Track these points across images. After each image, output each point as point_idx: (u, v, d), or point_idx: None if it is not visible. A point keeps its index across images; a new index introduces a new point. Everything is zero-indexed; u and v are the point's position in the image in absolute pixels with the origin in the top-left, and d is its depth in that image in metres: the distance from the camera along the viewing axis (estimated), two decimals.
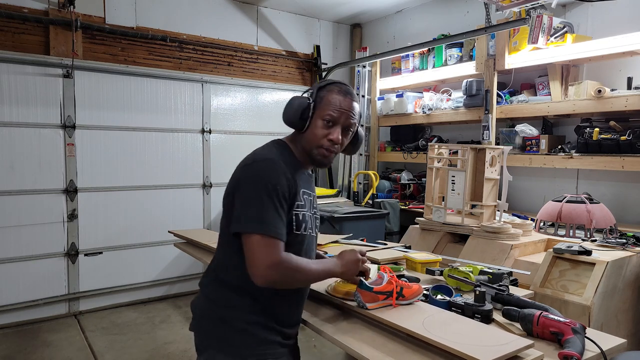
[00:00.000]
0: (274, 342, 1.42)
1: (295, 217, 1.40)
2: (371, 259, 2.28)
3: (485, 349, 1.21)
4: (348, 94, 1.48)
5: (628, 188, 3.35)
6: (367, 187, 5.16)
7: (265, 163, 1.38)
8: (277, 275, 1.30)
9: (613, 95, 3.11)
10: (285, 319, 1.47)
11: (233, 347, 1.37)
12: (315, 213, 1.56)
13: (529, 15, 3.14)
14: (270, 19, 5.29)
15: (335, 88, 1.48)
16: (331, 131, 1.46)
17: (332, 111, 1.44)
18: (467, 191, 2.86)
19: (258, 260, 1.29)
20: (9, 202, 3.84)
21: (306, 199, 1.47)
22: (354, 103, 1.49)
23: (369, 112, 5.21)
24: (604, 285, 2.21)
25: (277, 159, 1.40)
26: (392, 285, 1.55)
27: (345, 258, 1.48)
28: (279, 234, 1.32)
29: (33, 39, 3.98)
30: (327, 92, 1.47)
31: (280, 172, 1.36)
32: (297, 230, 1.42)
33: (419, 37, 4.64)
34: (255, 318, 1.39)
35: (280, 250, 1.32)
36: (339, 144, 1.48)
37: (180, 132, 4.61)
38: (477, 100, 3.92)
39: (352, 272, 1.48)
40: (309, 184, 1.53)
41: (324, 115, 1.45)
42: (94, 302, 4.27)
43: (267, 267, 1.29)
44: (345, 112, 1.46)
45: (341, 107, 1.45)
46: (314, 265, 1.41)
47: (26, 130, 3.88)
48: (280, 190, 1.34)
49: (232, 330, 1.38)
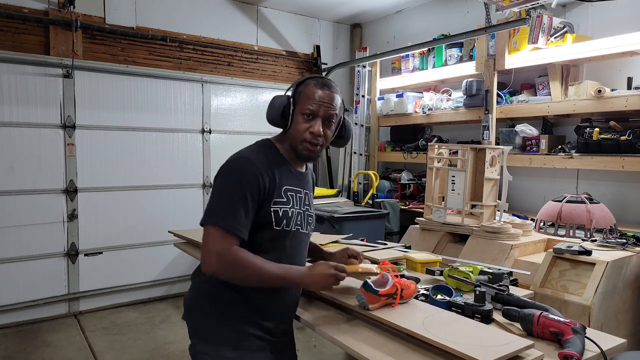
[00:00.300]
0: (251, 334, 1.44)
1: (274, 213, 1.41)
2: (371, 259, 2.28)
3: (486, 349, 1.21)
4: (325, 86, 1.48)
5: (628, 188, 3.35)
6: (367, 187, 5.16)
7: (236, 161, 1.41)
8: (222, 267, 1.34)
9: (613, 95, 3.11)
10: (265, 313, 1.47)
11: (211, 336, 1.43)
12: (307, 210, 1.55)
13: (529, 15, 3.14)
14: (270, 19, 5.29)
15: (312, 82, 1.49)
16: (312, 124, 1.46)
17: (310, 105, 1.45)
18: (467, 191, 2.86)
19: (206, 249, 1.35)
20: (9, 202, 3.84)
21: (291, 195, 1.47)
22: (333, 94, 1.49)
23: (369, 112, 5.21)
24: (604, 285, 2.21)
25: (253, 157, 1.42)
26: (395, 288, 1.55)
27: (316, 271, 1.42)
28: (233, 227, 1.34)
29: (33, 39, 3.98)
30: (304, 86, 1.49)
31: (250, 170, 1.38)
32: (277, 226, 1.42)
33: (419, 37, 4.64)
34: (235, 310, 1.43)
35: (229, 242, 1.34)
36: (322, 136, 1.48)
37: (180, 132, 4.61)
38: (477, 100, 3.92)
39: (320, 286, 1.43)
40: (297, 181, 1.53)
41: (303, 110, 1.46)
42: (94, 302, 4.27)
43: (212, 257, 1.33)
44: (324, 104, 1.46)
45: (319, 100, 1.46)
46: (271, 267, 1.38)
47: (26, 130, 3.88)
48: (247, 187, 1.36)
49: (211, 320, 1.44)
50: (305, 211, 1.54)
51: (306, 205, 1.55)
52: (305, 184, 1.58)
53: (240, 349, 1.42)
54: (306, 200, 1.56)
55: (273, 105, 1.50)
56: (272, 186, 1.41)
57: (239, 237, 1.35)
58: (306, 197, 1.56)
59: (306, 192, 1.57)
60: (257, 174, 1.38)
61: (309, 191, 1.61)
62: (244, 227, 1.36)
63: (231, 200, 1.36)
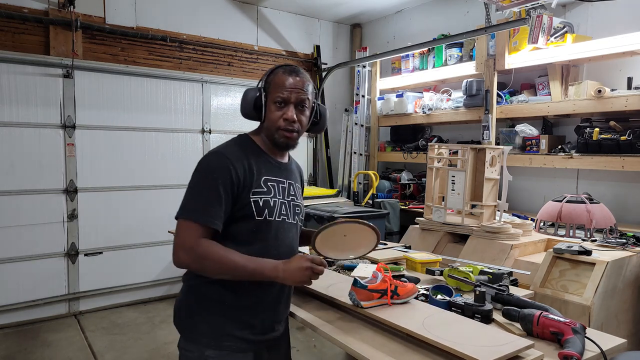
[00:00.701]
0: (234, 335, 1.43)
1: (254, 203, 1.41)
2: (371, 259, 2.28)
3: (485, 349, 1.22)
4: (294, 72, 1.48)
5: (628, 188, 3.35)
6: (367, 187, 5.16)
7: (208, 156, 1.44)
8: (191, 259, 1.35)
9: (613, 95, 3.11)
10: (252, 311, 1.46)
11: (195, 334, 1.44)
12: (293, 200, 1.55)
13: (529, 15, 3.14)
14: (270, 19, 5.29)
15: (281, 70, 1.49)
16: (285, 111, 1.46)
17: (281, 92, 1.45)
18: (467, 191, 2.86)
19: (176, 242, 1.36)
20: (9, 202, 3.84)
21: (272, 186, 1.47)
22: (304, 80, 1.49)
23: (369, 112, 5.21)
24: (604, 285, 2.21)
25: (224, 150, 1.44)
26: (386, 284, 1.56)
27: (291, 264, 1.38)
28: (203, 220, 1.35)
29: (33, 39, 3.98)
30: (274, 76, 1.49)
31: (220, 162, 1.39)
32: (259, 216, 1.42)
33: (419, 37, 4.64)
34: (220, 308, 1.43)
35: (199, 235, 1.34)
36: (296, 121, 1.47)
37: (180, 132, 4.61)
38: (477, 100, 3.92)
39: (296, 280, 1.38)
40: (279, 171, 1.53)
41: (275, 98, 1.46)
42: (94, 302, 4.27)
43: (180, 249, 1.35)
44: (295, 90, 1.46)
45: (290, 86, 1.46)
46: (243, 260, 1.35)
47: (26, 130, 3.88)
48: (218, 179, 1.37)
49: (196, 318, 1.44)
50: (290, 201, 1.53)
51: (291, 196, 1.55)
52: (289, 174, 1.58)
53: (222, 349, 1.42)
54: (291, 191, 1.55)
55: (245, 98, 1.50)
56: (249, 176, 1.42)
57: (211, 229, 1.36)
58: (291, 188, 1.55)
59: (290, 182, 1.56)
60: (228, 166, 1.39)
61: (295, 182, 1.59)
62: (216, 218, 1.36)
63: (202, 193, 1.38)
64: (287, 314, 1.62)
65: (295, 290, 1.89)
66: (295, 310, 1.70)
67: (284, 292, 1.54)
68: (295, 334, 3.67)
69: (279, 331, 1.57)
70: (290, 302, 1.62)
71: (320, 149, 5.68)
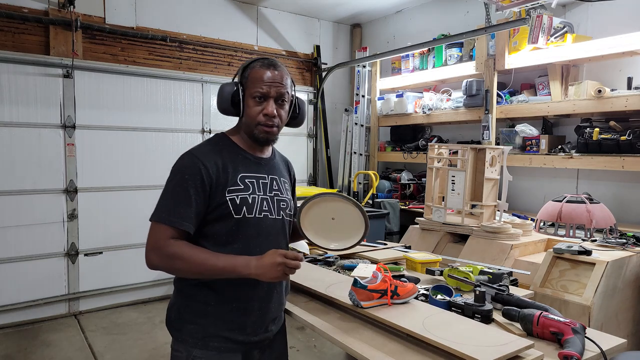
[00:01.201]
0: (221, 335, 1.42)
1: (231, 201, 1.39)
2: (371, 259, 2.28)
3: (486, 349, 1.22)
4: (271, 66, 1.45)
5: (628, 188, 3.35)
6: (367, 187, 5.16)
7: (180, 159, 1.44)
8: (160, 261, 1.35)
9: (613, 95, 3.11)
10: (241, 310, 1.43)
11: (183, 335, 1.44)
12: (277, 195, 1.51)
13: (529, 15, 3.14)
14: (270, 19, 5.29)
15: (258, 64, 1.46)
16: (264, 106, 1.44)
17: (259, 87, 1.42)
18: (467, 191, 2.86)
19: (147, 244, 1.36)
20: (9, 202, 3.84)
21: (250, 182, 1.45)
22: (282, 73, 1.46)
23: (369, 112, 5.21)
24: (604, 285, 2.21)
25: (196, 151, 1.43)
26: (386, 284, 1.56)
27: (263, 261, 1.33)
28: (172, 222, 1.34)
29: (33, 39, 3.98)
30: (251, 70, 1.45)
31: (191, 163, 1.39)
32: (237, 214, 1.40)
33: (419, 37, 4.64)
34: (207, 309, 1.42)
35: (166, 236, 1.34)
36: (276, 116, 1.45)
37: (180, 132, 4.61)
38: (477, 100, 3.92)
39: (270, 276, 1.33)
40: (258, 167, 1.50)
41: (253, 93, 1.43)
42: (94, 302, 4.27)
43: (149, 251, 1.35)
44: (274, 84, 1.43)
45: (268, 80, 1.43)
46: (214, 259, 1.34)
47: (26, 130, 3.88)
48: (189, 180, 1.36)
49: (185, 318, 1.44)
50: (274, 196, 1.50)
51: (275, 191, 1.51)
52: (271, 169, 1.55)
53: (209, 349, 1.41)
54: (274, 186, 1.52)
55: (222, 94, 1.46)
56: (223, 175, 1.40)
57: (180, 230, 1.35)
58: (274, 183, 1.52)
59: (273, 177, 1.53)
60: (197, 166, 1.38)
61: (279, 177, 1.56)
62: (186, 220, 1.35)
63: (172, 195, 1.37)
64: (280, 313, 1.58)
65: (295, 290, 1.89)
66: (295, 310, 1.70)
67: (274, 291, 1.50)
68: (295, 334, 3.67)
69: (272, 331, 1.54)
70: (283, 300, 1.58)
71: (320, 149, 5.68)
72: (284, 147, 6.14)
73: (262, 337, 1.49)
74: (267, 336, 1.52)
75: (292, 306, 1.74)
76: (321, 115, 5.62)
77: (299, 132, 5.50)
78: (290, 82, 1.50)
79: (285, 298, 1.61)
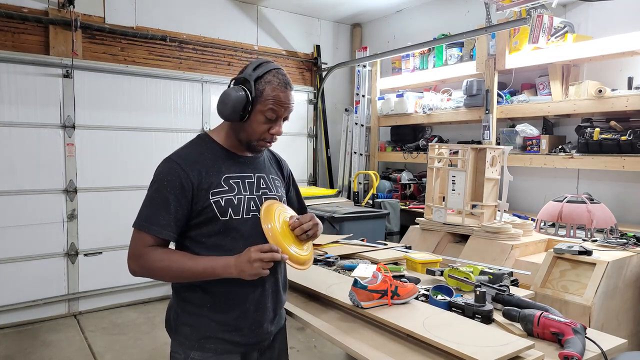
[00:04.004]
0: (218, 337, 1.40)
1: (216, 204, 1.37)
2: (371, 259, 2.28)
3: (486, 350, 1.21)
4: (288, 85, 1.42)
5: (629, 188, 3.35)
6: (368, 187, 5.15)
7: (161, 164, 1.41)
8: (138, 268, 1.36)
9: (614, 95, 3.11)
10: (235, 313, 1.41)
11: (181, 337, 1.44)
12: (265, 194, 1.47)
13: (529, 15, 3.14)
14: (270, 18, 5.28)
15: (275, 80, 1.39)
16: (273, 125, 1.42)
17: (274, 106, 1.38)
18: (467, 191, 2.85)
19: (128, 251, 1.37)
20: (9, 202, 3.83)
21: (235, 183, 1.42)
22: (293, 92, 1.44)
23: (369, 112, 5.21)
24: (604, 285, 2.20)
25: (177, 155, 1.41)
26: (386, 284, 1.55)
27: (240, 259, 1.31)
28: (150, 229, 1.34)
29: (33, 38, 3.97)
30: (266, 85, 1.39)
31: (170, 169, 1.37)
32: (223, 216, 1.37)
33: (419, 37, 4.64)
34: (202, 311, 1.41)
35: (145, 243, 1.34)
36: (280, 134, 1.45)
37: (181, 132, 4.60)
38: (477, 100, 3.91)
39: (249, 273, 1.30)
40: (243, 167, 1.47)
41: (265, 111, 1.39)
42: (94, 302, 4.27)
43: (129, 258, 1.36)
44: (287, 106, 1.41)
45: (285, 102, 1.40)
46: (191, 263, 1.33)
47: (26, 130, 3.88)
48: (168, 186, 1.35)
49: (182, 320, 1.43)
50: (262, 195, 1.47)
51: (262, 189, 1.48)
52: (257, 167, 1.51)
53: (206, 351, 1.40)
54: (261, 184, 1.48)
55: (229, 101, 1.36)
56: (205, 178, 1.37)
57: (159, 238, 1.34)
58: (261, 181, 1.49)
59: (260, 175, 1.50)
60: (177, 172, 1.35)
61: (268, 174, 1.53)
62: (165, 227, 1.34)
63: (151, 202, 1.36)
64: (279, 311, 1.54)
65: (295, 290, 1.89)
66: (295, 311, 1.70)
67: (270, 289, 1.47)
68: (295, 334, 3.66)
69: (272, 332, 1.51)
70: (282, 297, 1.54)
71: (320, 149, 5.68)
72: (284, 147, 6.14)
73: (260, 338, 1.47)
74: (266, 337, 1.49)
75: (292, 306, 1.74)
76: (321, 115, 5.61)
77: (299, 132, 5.50)
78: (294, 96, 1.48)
79: (285, 295, 1.57)
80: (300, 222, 1.43)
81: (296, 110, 5.49)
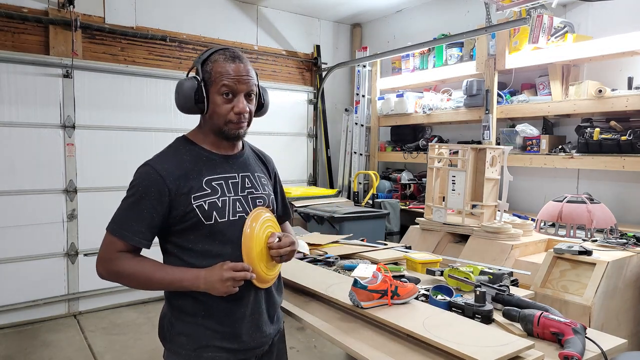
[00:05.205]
0: (212, 345, 1.35)
1: (199, 208, 1.32)
2: (371, 259, 2.28)
3: (486, 350, 1.21)
4: (237, 58, 1.35)
5: (629, 188, 3.35)
6: (367, 187, 5.15)
7: (139, 169, 1.39)
8: (104, 272, 1.33)
9: (614, 95, 3.11)
10: (229, 320, 1.36)
11: (175, 346, 1.38)
12: (251, 194, 1.42)
13: (529, 15, 3.14)
14: (270, 18, 5.28)
15: (220, 56, 1.35)
16: (234, 103, 1.35)
17: (226, 82, 1.32)
18: (467, 191, 2.85)
19: (98, 253, 1.36)
20: (9, 202, 3.83)
21: (218, 185, 1.37)
22: (246, 65, 1.37)
23: (369, 112, 5.21)
24: (604, 285, 2.20)
25: (154, 161, 1.38)
26: (386, 284, 1.55)
27: (211, 276, 1.28)
28: (122, 235, 1.32)
29: (33, 38, 3.97)
30: (213, 63, 1.34)
31: (146, 175, 1.34)
32: (208, 220, 1.32)
33: (419, 37, 4.64)
34: (195, 320, 1.36)
35: (115, 249, 1.32)
36: (247, 112, 1.37)
37: (181, 132, 4.56)
38: (477, 100, 3.91)
39: (219, 290, 1.28)
40: (226, 167, 1.41)
41: (220, 90, 1.33)
42: (94, 302, 4.27)
43: (98, 261, 1.34)
44: (242, 78, 1.34)
45: (236, 75, 1.33)
46: (161, 273, 1.31)
47: (26, 130, 3.88)
48: (143, 194, 1.31)
49: (176, 328, 1.38)
50: (247, 195, 1.41)
51: (248, 189, 1.42)
52: (241, 166, 1.45)
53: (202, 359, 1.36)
54: (246, 184, 1.42)
55: (181, 91, 1.35)
56: (184, 182, 1.33)
57: (130, 244, 1.32)
58: (246, 181, 1.43)
59: (245, 175, 1.44)
60: (154, 177, 1.32)
61: (253, 173, 1.47)
62: (137, 235, 1.31)
63: (126, 208, 1.34)
64: (276, 312, 1.50)
65: (295, 290, 1.89)
66: (295, 311, 1.70)
67: (263, 292, 1.43)
68: (295, 334, 3.66)
69: (270, 334, 1.46)
70: (278, 299, 1.51)
71: (320, 149, 5.67)
72: (283, 147, 6.13)
73: (260, 342, 1.42)
74: (265, 341, 1.44)
75: (292, 306, 1.74)
76: (321, 115, 5.61)
77: (299, 132, 5.50)
78: (254, 72, 1.41)
79: (280, 297, 1.53)
80: (279, 245, 1.38)
81: (296, 110, 5.56)
